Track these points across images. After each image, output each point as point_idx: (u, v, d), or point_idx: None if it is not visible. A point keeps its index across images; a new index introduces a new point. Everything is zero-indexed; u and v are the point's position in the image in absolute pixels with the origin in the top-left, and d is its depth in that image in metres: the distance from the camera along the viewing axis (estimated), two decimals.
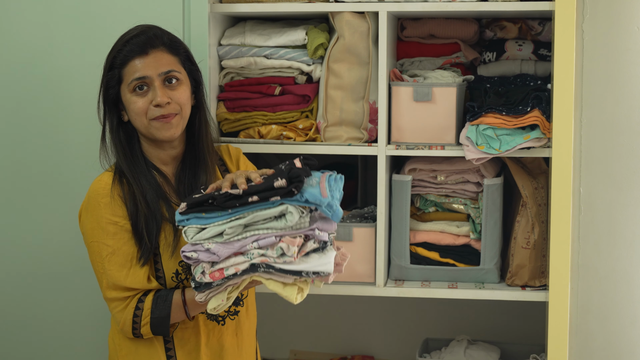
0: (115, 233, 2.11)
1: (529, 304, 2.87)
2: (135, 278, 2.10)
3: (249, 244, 1.90)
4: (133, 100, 2.14)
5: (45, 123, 2.64)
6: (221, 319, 2.20)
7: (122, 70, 2.14)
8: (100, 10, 2.58)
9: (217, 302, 1.93)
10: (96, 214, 2.12)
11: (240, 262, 1.90)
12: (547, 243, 2.57)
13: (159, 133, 2.15)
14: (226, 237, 1.90)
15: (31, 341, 2.71)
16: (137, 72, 2.13)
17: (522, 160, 2.71)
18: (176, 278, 2.13)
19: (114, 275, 2.10)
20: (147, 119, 2.14)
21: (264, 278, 1.91)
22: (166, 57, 2.16)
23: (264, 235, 1.90)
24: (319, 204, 1.87)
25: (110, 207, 2.11)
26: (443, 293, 2.60)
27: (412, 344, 3.05)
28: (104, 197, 2.12)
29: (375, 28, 2.57)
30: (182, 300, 2.09)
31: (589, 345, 2.76)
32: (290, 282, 1.90)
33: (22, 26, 2.62)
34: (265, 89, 2.65)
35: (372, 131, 2.62)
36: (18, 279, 2.70)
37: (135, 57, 2.14)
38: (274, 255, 1.89)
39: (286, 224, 1.89)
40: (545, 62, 2.73)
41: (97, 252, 2.12)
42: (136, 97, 2.14)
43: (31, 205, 2.67)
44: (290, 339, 3.19)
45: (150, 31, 2.17)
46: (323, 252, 1.92)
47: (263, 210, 1.89)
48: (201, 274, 1.91)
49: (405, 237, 2.63)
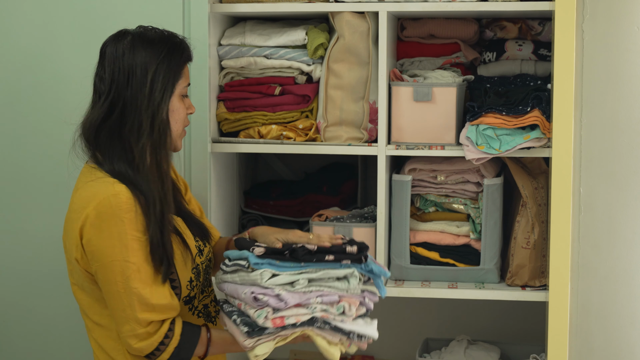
0: (139, 249, 1.97)
1: (529, 304, 2.87)
2: (161, 295, 1.99)
3: (313, 298, 2.00)
4: (180, 105, 2.09)
5: (45, 123, 2.64)
6: (213, 320, 2.21)
7: (182, 70, 2.09)
8: (100, 10, 2.58)
9: (264, 350, 2.00)
10: (117, 230, 1.95)
11: (302, 313, 2.00)
12: (547, 243, 2.57)
13: (180, 144, 2.13)
14: (297, 287, 1.99)
15: (31, 341, 2.71)
16: (188, 78, 2.11)
17: (522, 160, 2.71)
18: (190, 286, 2.10)
19: (143, 295, 1.96)
20: (182, 127, 2.12)
21: (315, 333, 2.01)
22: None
23: (327, 292, 2.02)
24: (384, 275, 2.08)
25: (135, 223, 1.96)
26: (443, 293, 2.59)
27: (412, 344, 3.05)
28: (128, 213, 1.96)
29: (375, 28, 2.57)
30: (207, 337, 2.06)
31: (589, 345, 2.76)
32: (336, 341, 2.02)
33: (21, 27, 2.62)
34: (265, 89, 2.65)
35: (372, 131, 2.62)
36: (17, 279, 2.70)
37: (188, 62, 2.13)
38: (335, 313, 2.01)
39: (348, 286, 2.03)
40: (545, 62, 2.73)
41: (120, 271, 1.95)
42: (182, 104, 2.10)
43: (30, 206, 2.67)
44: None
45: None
46: (368, 318, 2.09)
47: (332, 270, 2.02)
48: (264, 318, 1.97)
49: (405, 237, 2.63)
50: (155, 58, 2.04)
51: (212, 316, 2.20)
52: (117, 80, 2.04)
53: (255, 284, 2.00)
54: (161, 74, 2.03)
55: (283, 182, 3.05)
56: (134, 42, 2.05)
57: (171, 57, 2.06)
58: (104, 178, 2.00)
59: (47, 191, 2.65)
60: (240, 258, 2.06)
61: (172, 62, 2.06)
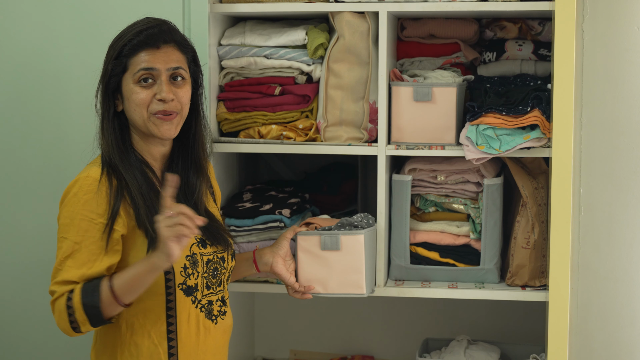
0: (87, 230, 2.06)
1: (529, 304, 2.87)
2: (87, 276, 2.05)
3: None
4: (136, 91, 2.12)
5: (45, 121, 2.64)
6: (214, 318, 2.21)
7: (129, 59, 2.12)
8: (100, 10, 2.58)
9: None
10: (72, 209, 2.07)
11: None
12: (547, 243, 2.57)
13: (157, 130, 2.14)
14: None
15: (32, 341, 2.71)
16: (145, 63, 2.11)
17: (522, 160, 2.71)
18: (185, 272, 2.12)
19: (71, 273, 2.05)
20: (147, 112, 2.12)
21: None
22: (176, 54, 2.16)
23: None
24: None
25: (89, 204, 2.06)
26: (443, 293, 2.59)
27: (412, 344, 3.05)
28: (87, 194, 2.06)
29: (375, 28, 2.57)
30: (108, 281, 2.04)
31: (589, 345, 2.76)
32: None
33: (21, 26, 2.62)
34: (265, 89, 2.65)
35: (372, 131, 2.62)
36: (17, 278, 2.70)
37: (146, 48, 2.12)
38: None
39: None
40: (545, 62, 2.73)
41: (62, 248, 2.06)
42: (140, 88, 2.12)
43: (31, 205, 2.67)
44: (290, 339, 3.19)
45: (164, 25, 2.17)
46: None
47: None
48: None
49: (405, 237, 2.63)
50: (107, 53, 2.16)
51: (214, 315, 2.21)
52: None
53: None
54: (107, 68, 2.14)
55: (283, 182, 3.05)
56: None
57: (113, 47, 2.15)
58: (92, 163, 2.14)
59: (48, 190, 2.65)
60: None
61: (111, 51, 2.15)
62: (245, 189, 2.87)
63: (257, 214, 2.63)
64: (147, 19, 2.18)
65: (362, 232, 2.46)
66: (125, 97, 2.14)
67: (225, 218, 2.63)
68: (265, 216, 2.63)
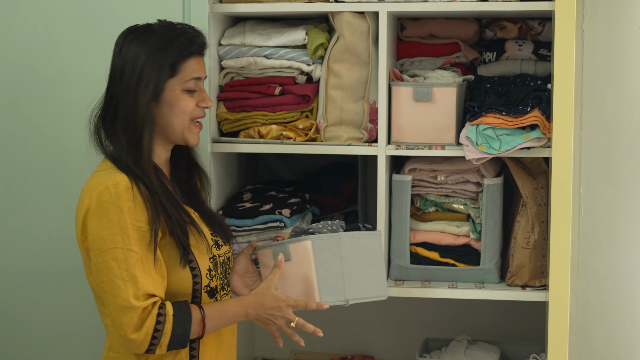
0: (140, 239, 2.01)
1: (529, 304, 2.87)
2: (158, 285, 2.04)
3: None
4: (184, 98, 2.12)
5: (45, 123, 2.64)
6: None
7: (180, 64, 2.11)
8: (101, 10, 2.58)
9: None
10: (117, 218, 1.99)
11: None
12: (547, 243, 2.57)
13: (192, 137, 2.16)
14: None
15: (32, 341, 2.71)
16: (196, 72, 2.13)
17: (522, 160, 2.71)
18: (209, 275, 2.13)
19: (145, 283, 2.00)
20: (189, 119, 2.14)
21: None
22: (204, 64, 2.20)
23: None
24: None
25: (134, 212, 2.01)
26: (443, 293, 2.59)
27: (412, 344, 3.05)
28: (127, 202, 2.00)
29: (375, 28, 2.57)
30: (200, 312, 2.06)
31: (589, 345, 2.76)
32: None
33: (21, 26, 2.62)
34: (265, 89, 2.65)
35: (372, 131, 2.62)
36: (18, 279, 2.70)
37: (196, 55, 2.14)
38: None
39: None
40: (545, 62, 2.73)
41: (123, 259, 1.99)
42: (187, 96, 2.13)
43: (31, 205, 2.67)
44: (291, 339, 3.19)
45: (203, 35, 2.18)
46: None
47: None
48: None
49: (405, 237, 2.63)
50: (146, 53, 2.08)
51: None
52: (113, 75, 2.12)
53: None
54: (148, 69, 2.07)
55: (283, 182, 3.05)
56: (132, 37, 2.11)
57: (162, 52, 2.09)
58: (110, 169, 2.07)
59: (48, 191, 2.65)
60: None
61: (162, 56, 2.09)
62: (245, 189, 2.87)
63: (257, 214, 2.63)
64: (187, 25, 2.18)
65: (310, 238, 2.18)
66: (168, 102, 2.11)
67: (226, 218, 2.63)
68: (265, 216, 2.63)
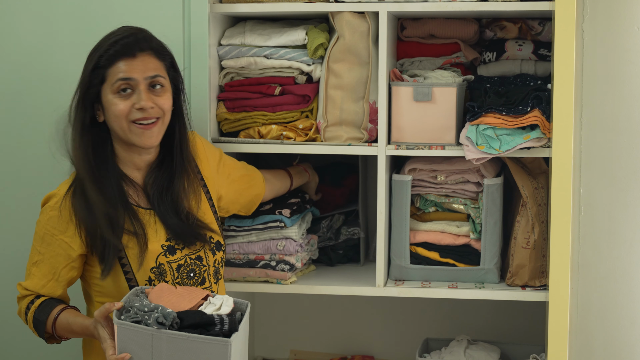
0: (49, 244, 2.16)
1: (529, 304, 2.87)
2: (51, 291, 2.19)
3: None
4: (115, 102, 2.13)
5: (45, 123, 2.64)
6: None
7: (107, 70, 2.12)
8: (100, 11, 2.58)
9: None
10: (41, 223, 2.18)
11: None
12: (547, 243, 2.57)
13: (138, 139, 2.15)
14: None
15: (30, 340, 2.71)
16: (122, 73, 2.12)
17: (522, 160, 2.71)
18: (150, 285, 2.15)
19: (34, 282, 2.18)
20: (127, 122, 2.13)
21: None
22: (153, 62, 2.16)
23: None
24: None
25: (55, 221, 2.15)
26: (443, 293, 2.60)
27: (412, 344, 3.05)
28: (53, 210, 2.16)
29: (375, 28, 2.57)
30: (53, 320, 2.17)
31: (589, 345, 2.76)
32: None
33: (21, 26, 2.62)
34: (265, 89, 2.65)
35: (372, 131, 2.62)
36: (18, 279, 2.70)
37: (123, 58, 2.12)
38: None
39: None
40: (545, 62, 2.73)
41: (31, 253, 2.20)
42: (118, 99, 2.13)
43: (31, 205, 2.67)
44: (290, 339, 3.19)
45: (139, 34, 2.17)
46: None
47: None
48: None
49: (405, 237, 2.63)
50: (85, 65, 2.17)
51: None
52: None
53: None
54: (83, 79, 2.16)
55: None
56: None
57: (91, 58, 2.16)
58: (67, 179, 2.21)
59: (48, 190, 2.65)
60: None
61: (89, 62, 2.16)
62: None
63: (257, 213, 2.63)
64: (122, 28, 2.18)
65: (117, 323, 1.98)
66: (105, 108, 2.15)
67: (226, 218, 2.63)
68: (266, 216, 2.63)
